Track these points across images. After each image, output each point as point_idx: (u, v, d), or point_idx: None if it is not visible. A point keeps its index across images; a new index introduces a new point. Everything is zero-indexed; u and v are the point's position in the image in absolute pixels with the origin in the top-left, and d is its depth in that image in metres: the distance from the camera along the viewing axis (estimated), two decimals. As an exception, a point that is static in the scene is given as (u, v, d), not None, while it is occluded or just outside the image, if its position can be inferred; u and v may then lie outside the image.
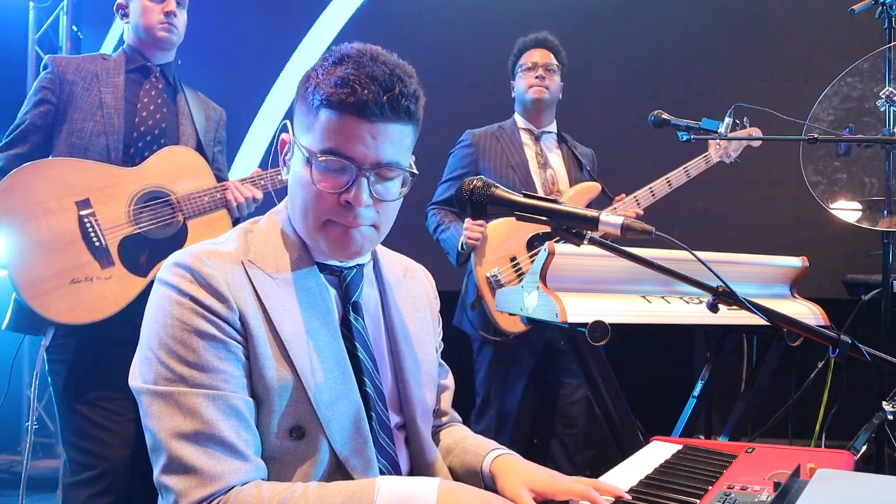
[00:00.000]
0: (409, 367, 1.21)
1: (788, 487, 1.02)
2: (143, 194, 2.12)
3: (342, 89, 1.02)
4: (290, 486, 0.98)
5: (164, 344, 1.01)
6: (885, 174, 2.44)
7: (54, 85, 2.14)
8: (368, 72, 1.03)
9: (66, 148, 2.13)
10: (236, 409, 1.00)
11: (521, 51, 2.84)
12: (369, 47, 1.09)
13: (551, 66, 2.79)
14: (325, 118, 1.05)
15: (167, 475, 0.97)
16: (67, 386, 2.09)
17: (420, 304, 1.30)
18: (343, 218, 1.07)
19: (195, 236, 2.15)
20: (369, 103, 1.02)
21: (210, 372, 1.00)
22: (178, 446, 0.97)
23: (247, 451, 1.00)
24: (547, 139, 2.85)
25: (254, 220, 1.19)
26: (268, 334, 1.05)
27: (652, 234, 1.03)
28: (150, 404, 1.00)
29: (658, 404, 2.92)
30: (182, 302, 1.02)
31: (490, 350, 2.67)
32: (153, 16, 2.23)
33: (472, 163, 2.78)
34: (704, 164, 2.69)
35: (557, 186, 2.75)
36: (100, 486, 2.07)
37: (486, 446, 1.25)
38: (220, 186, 2.23)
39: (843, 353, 0.99)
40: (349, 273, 1.17)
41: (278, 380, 1.04)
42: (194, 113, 2.32)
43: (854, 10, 2.45)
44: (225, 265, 1.06)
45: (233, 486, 0.97)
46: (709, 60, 3.78)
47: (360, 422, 1.09)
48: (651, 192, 2.66)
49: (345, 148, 1.04)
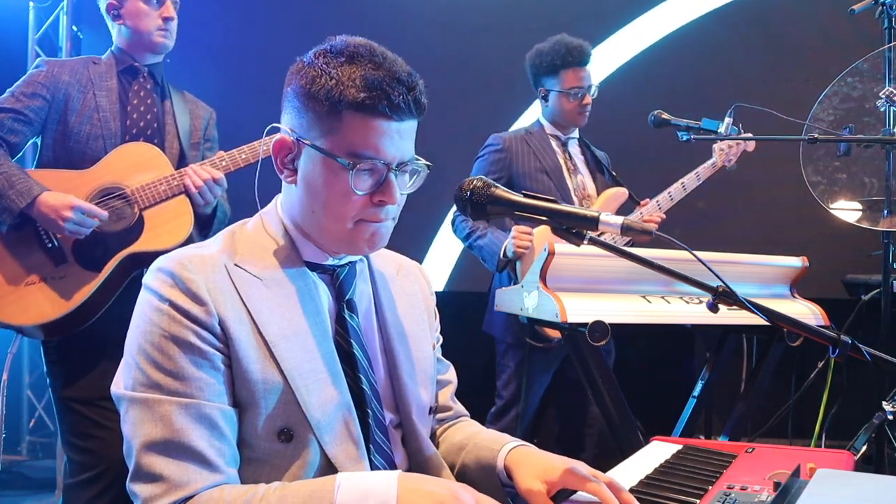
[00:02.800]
0: (402, 364, 1.20)
1: (788, 487, 1.02)
2: (98, 192, 2.10)
3: (373, 92, 1.02)
4: (251, 488, 0.97)
5: (142, 350, 1.01)
6: (885, 174, 2.44)
7: (50, 83, 2.12)
8: (391, 72, 1.04)
9: (63, 151, 2.12)
10: (209, 417, 0.99)
11: (562, 63, 2.69)
12: (369, 42, 1.09)
13: (592, 89, 2.74)
14: (354, 121, 1.04)
15: (135, 482, 0.98)
16: (66, 386, 2.09)
17: (414, 301, 1.29)
18: (374, 216, 1.09)
19: (151, 227, 2.11)
20: (400, 104, 1.03)
21: (184, 380, 0.99)
22: (147, 454, 0.97)
23: (217, 460, 0.99)
24: (572, 145, 2.83)
25: (242, 222, 1.18)
26: (252, 337, 1.04)
27: (652, 234, 1.03)
28: (128, 410, 1.00)
29: (658, 404, 2.92)
30: (161, 307, 1.01)
31: (518, 354, 2.65)
32: (151, 21, 2.20)
33: (504, 167, 2.73)
34: (711, 168, 2.71)
35: (587, 191, 2.76)
36: (100, 487, 2.06)
37: (500, 440, 1.23)
38: (178, 173, 2.15)
39: (843, 353, 0.99)
40: (342, 271, 1.17)
41: (263, 382, 1.03)
42: (178, 113, 2.29)
43: (854, 10, 2.45)
44: (206, 269, 1.05)
45: (197, 493, 0.97)
46: (709, 60, 3.78)
47: (351, 422, 1.09)
48: (669, 196, 2.69)
49: (380, 150, 1.05)
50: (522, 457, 1.16)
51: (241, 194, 2.27)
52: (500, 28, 3.80)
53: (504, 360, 2.75)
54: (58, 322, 2.01)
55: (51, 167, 2.13)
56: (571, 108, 2.72)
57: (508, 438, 1.23)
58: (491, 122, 3.15)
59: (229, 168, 2.22)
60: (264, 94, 3.50)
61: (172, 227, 2.13)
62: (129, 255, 2.09)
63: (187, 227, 2.14)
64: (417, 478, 0.97)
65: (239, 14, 3.92)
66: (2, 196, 1.97)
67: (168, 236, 2.12)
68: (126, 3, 2.20)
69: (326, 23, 3.81)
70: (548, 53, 2.71)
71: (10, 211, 1.97)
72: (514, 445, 1.19)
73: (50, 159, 2.14)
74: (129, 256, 2.09)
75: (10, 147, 2.08)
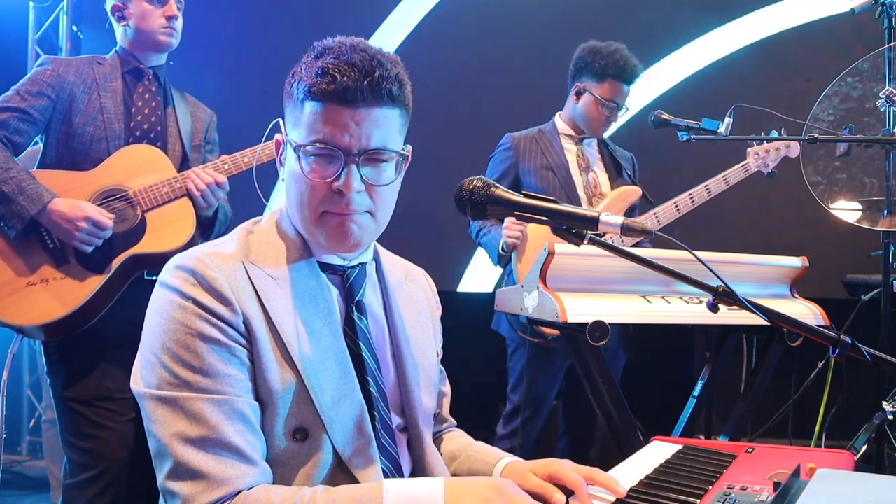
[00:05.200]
0: (411, 370, 1.21)
1: (788, 487, 1.02)
2: (100, 193, 2.10)
3: (322, 79, 1.03)
4: (297, 490, 0.98)
5: (167, 348, 1.00)
6: (885, 174, 2.44)
7: (55, 82, 2.12)
8: (347, 59, 1.04)
9: (67, 151, 2.12)
10: (242, 413, 1.00)
11: (613, 73, 2.63)
12: (351, 39, 1.09)
13: (624, 110, 2.71)
14: (309, 110, 1.06)
15: (173, 480, 0.97)
16: (66, 386, 2.09)
17: (420, 308, 1.30)
18: (337, 206, 1.07)
19: (153, 228, 2.12)
20: (350, 89, 1.03)
21: (214, 377, 0.99)
22: (185, 451, 0.96)
23: (253, 455, 0.99)
24: (589, 143, 2.81)
25: (255, 221, 1.19)
26: (270, 336, 1.04)
27: (652, 234, 1.03)
28: (155, 409, 0.99)
29: (658, 404, 2.92)
30: (185, 305, 1.01)
31: (525, 353, 2.64)
32: (155, 20, 2.21)
33: (511, 166, 2.72)
34: (743, 172, 2.66)
35: (600, 189, 2.74)
36: (99, 487, 2.06)
37: (495, 455, 1.26)
38: (181, 176, 2.17)
39: (843, 353, 0.99)
40: (352, 272, 1.17)
41: (281, 382, 1.04)
42: (181, 116, 2.30)
43: (854, 10, 2.45)
44: (227, 267, 1.05)
45: (240, 491, 0.96)
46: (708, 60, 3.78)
47: (362, 421, 1.09)
48: (691, 199, 2.64)
49: (331, 136, 1.05)
50: (515, 467, 1.20)
51: (243, 195, 2.29)
52: (540, 32, 3.79)
53: (513, 360, 2.76)
54: (59, 323, 2.00)
55: (53, 167, 2.13)
56: (598, 116, 2.68)
57: (502, 453, 1.26)
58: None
59: (232, 171, 2.23)
60: (266, 96, 3.53)
61: (175, 229, 2.14)
62: (132, 256, 2.09)
63: (190, 230, 2.15)
64: (460, 480, 1.00)
65: (240, 17, 3.92)
66: (12, 202, 1.97)
67: (170, 238, 2.12)
68: (130, 4, 2.21)
69: (334, 25, 3.82)
70: (603, 56, 2.64)
71: (20, 217, 1.97)
72: (510, 460, 1.23)
73: (53, 159, 2.14)
74: (131, 258, 2.09)
75: (15, 147, 2.08)
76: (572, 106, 2.76)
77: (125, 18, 2.23)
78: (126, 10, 2.22)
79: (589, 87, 2.68)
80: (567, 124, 2.79)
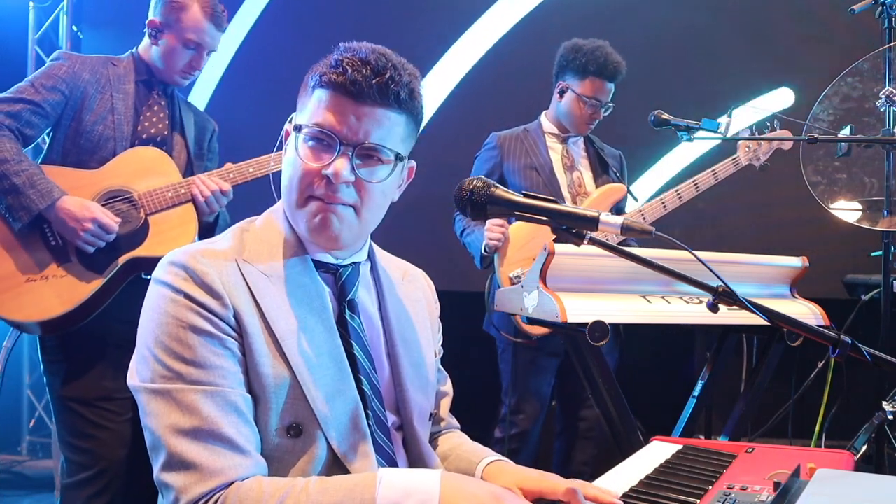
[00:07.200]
0: (405, 369, 1.21)
1: (788, 487, 1.02)
2: (105, 194, 2.11)
3: (335, 69, 1.07)
4: (290, 481, 0.98)
5: (159, 342, 1.01)
6: (885, 174, 2.44)
7: (69, 78, 2.12)
8: (363, 56, 1.07)
9: (73, 148, 2.12)
10: (234, 404, 1.00)
11: (595, 70, 2.62)
12: (376, 45, 1.11)
13: (607, 108, 2.70)
14: (317, 96, 1.09)
15: (167, 472, 0.97)
16: (64, 385, 2.09)
17: (418, 308, 1.30)
18: (323, 193, 1.08)
19: (156, 232, 2.13)
20: (358, 83, 1.05)
21: (207, 368, 1.00)
22: (178, 443, 0.96)
23: (247, 446, 1.00)
24: (574, 142, 2.80)
25: (251, 220, 1.19)
26: (263, 332, 1.05)
27: (651, 234, 1.03)
28: (149, 402, 1.00)
29: (658, 404, 2.92)
30: (177, 299, 1.02)
31: (513, 353, 2.64)
32: (180, 61, 2.23)
33: (496, 165, 2.73)
34: (733, 166, 2.63)
35: (584, 188, 2.73)
36: (97, 486, 2.06)
37: (480, 454, 1.26)
38: (186, 181, 2.18)
39: (843, 353, 0.99)
40: (345, 271, 1.17)
41: (274, 377, 1.04)
42: (186, 123, 2.33)
43: (854, 10, 2.45)
44: (219, 263, 1.06)
45: (233, 482, 0.96)
46: (709, 60, 3.78)
47: (357, 417, 1.09)
48: (678, 195, 2.61)
49: (331, 123, 1.07)
50: (498, 470, 1.19)
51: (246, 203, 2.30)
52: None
53: (503, 361, 2.75)
54: (56, 320, 2.01)
55: (58, 163, 2.13)
56: (581, 114, 2.67)
57: (488, 452, 1.26)
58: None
59: (237, 180, 2.26)
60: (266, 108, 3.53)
61: (177, 234, 2.15)
62: (132, 258, 2.10)
63: (192, 235, 2.17)
64: (460, 478, 0.98)
65: (244, 25, 3.92)
66: (21, 194, 1.97)
67: (172, 243, 2.12)
68: (167, 32, 2.21)
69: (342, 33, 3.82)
70: (584, 54, 2.63)
71: (28, 210, 1.98)
72: (492, 460, 1.22)
73: (58, 155, 2.14)
74: (132, 260, 2.10)
75: (25, 139, 2.08)
76: (556, 104, 2.76)
77: (156, 39, 2.22)
78: (161, 35, 2.22)
79: (571, 84, 2.68)
80: (552, 123, 2.78)
